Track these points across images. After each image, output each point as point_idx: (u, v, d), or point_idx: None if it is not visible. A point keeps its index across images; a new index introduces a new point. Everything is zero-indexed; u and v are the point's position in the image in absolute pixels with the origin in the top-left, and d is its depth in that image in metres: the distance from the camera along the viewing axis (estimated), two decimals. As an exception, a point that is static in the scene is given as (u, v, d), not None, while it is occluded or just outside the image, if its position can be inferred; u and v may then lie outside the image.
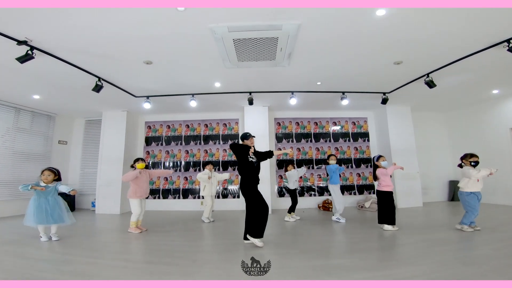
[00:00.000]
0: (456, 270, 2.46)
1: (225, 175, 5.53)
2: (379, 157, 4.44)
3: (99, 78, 4.52)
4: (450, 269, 2.49)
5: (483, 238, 3.54)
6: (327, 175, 5.14)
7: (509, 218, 4.81)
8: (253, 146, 3.61)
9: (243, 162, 3.53)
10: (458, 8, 2.78)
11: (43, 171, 3.86)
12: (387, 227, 4.16)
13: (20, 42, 3.30)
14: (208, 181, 5.20)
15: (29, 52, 3.43)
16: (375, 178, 4.43)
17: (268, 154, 3.74)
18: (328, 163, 5.13)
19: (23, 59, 3.43)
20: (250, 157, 3.53)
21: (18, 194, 6.11)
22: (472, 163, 3.99)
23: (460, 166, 4.20)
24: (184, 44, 3.57)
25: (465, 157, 4.11)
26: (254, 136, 3.68)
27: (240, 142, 3.70)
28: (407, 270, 2.52)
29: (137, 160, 4.51)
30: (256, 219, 3.45)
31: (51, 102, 6.07)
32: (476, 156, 4.02)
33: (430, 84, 4.58)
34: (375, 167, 4.44)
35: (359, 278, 2.36)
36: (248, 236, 3.49)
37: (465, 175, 3.99)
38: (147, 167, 4.69)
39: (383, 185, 4.28)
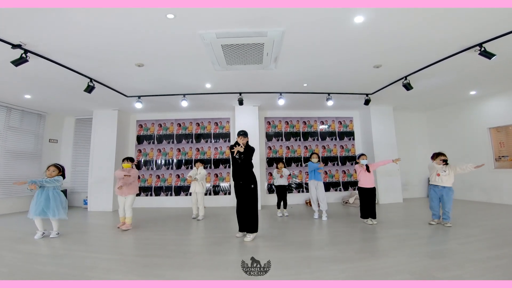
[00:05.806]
0: (421, 263, 2.69)
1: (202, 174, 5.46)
2: (361, 155, 4.82)
3: (91, 79, 4.63)
4: (416, 262, 2.72)
5: (452, 233, 3.79)
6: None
7: (482, 215, 5.04)
8: (242, 145, 3.78)
9: (231, 157, 3.85)
10: (431, 15, 2.96)
11: (48, 167, 4.00)
12: (365, 220, 4.60)
13: (14, 46, 3.38)
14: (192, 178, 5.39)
15: (24, 55, 3.52)
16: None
17: (249, 151, 3.87)
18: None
19: (18, 62, 3.52)
20: (236, 154, 3.78)
21: (11, 192, 6.19)
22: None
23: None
24: (175, 48, 3.72)
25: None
26: (244, 137, 3.82)
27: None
28: (378, 262, 2.77)
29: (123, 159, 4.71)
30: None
31: (42, 101, 6.12)
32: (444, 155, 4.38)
33: (408, 87, 4.85)
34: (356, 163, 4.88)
35: (336, 269, 2.59)
36: None
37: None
38: (137, 166, 4.76)
39: (360, 181, 4.72)
